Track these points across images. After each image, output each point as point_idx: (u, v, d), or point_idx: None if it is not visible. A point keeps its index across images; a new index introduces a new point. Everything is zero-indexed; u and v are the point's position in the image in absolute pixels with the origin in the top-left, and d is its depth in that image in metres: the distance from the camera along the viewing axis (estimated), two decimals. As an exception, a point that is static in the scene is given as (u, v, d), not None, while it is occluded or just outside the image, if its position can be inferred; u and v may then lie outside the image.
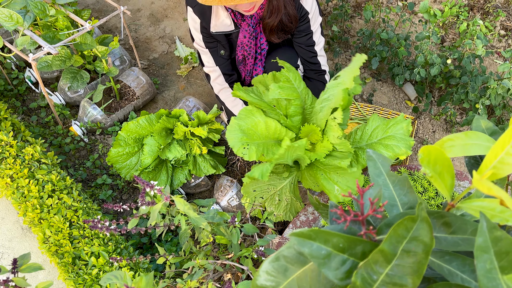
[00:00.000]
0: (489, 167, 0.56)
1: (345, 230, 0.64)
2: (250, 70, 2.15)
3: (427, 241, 0.55)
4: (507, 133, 0.57)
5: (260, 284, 0.65)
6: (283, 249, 0.68)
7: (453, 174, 0.61)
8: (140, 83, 2.62)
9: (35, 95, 2.73)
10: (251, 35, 1.97)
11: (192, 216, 1.30)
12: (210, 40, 2.01)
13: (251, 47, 2.02)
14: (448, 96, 2.61)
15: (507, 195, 0.50)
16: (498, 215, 0.56)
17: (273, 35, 1.97)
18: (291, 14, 1.89)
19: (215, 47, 2.04)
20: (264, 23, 1.92)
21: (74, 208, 1.88)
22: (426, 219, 0.55)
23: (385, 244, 0.55)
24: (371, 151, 0.75)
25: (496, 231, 0.52)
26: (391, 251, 0.56)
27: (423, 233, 0.55)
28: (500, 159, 0.57)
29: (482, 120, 0.84)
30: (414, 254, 0.55)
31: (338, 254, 0.60)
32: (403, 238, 0.56)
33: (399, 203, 0.71)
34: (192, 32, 2.01)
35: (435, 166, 0.60)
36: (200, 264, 1.37)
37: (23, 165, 1.98)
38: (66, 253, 1.75)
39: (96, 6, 3.27)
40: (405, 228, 0.55)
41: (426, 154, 0.59)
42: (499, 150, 0.57)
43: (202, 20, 1.93)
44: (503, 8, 3.26)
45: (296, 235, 0.60)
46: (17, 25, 2.03)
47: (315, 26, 2.01)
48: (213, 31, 1.94)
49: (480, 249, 0.53)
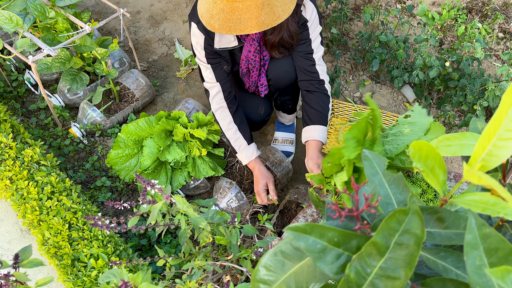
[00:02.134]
0: (478, 160, 0.57)
1: (340, 226, 0.65)
2: (255, 81, 2.17)
3: (418, 233, 0.55)
4: (491, 125, 0.57)
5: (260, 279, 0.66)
6: (281, 244, 0.68)
7: (445, 169, 0.62)
8: (139, 85, 2.63)
9: (35, 97, 2.74)
10: (256, 49, 1.98)
11: (192, 215, 1.30)
12: (213, 56, 1.99)
13: (256, 60, 2.03)
14: (447, 99, 2.62)
15: (496, 183, 0.50)
16: (490, 208, 0.57)
17: (274, 51, 1.98)
18: (292, 31, 1.90)
19: (218, 63, 2.03)
20: (265, 39, 1.93)
21: (74, 210, 1.88)
22: (418, 212, 0.55)
23: (378, 236, 0.56)
24: (367, 151, 0.76)
25: (485, 228, 0.53)
26: (384, 244, 0.57)
27: (414, 225, 0.56)
28: (488, 151, 0.58)
29: (478, 122, 0.85)
30: (407, 247, 0.55)
31: (333, 248, 0.61)
32: (395, 231, 0.56)
33: (394, 201, 0.72)
34: (195, 47, 2.00)
35: (426, 161, 0.61)
36: (199, 265, 1.37)
37: (23, 167, 1.99)
38: (65, 255, 1.75)
39: (96, 8, 3.29)
40: (397, 220, 0.56)
41: (417, 149, 0.60)
42: (486, 142, 0.58)
43: (206, 36, 1.92)
44: (501, 11, 3.28)
45: (292, 229, 0.60)
46: (17, 27, 2.04)
47: (314, 34, 2.01)
48: (217, 47, 1.93)
49: (469, 246, 0.53)
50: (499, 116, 0.56)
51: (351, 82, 2.90)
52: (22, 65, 2.82)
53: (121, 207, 1.36)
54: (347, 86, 2.88)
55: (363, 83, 2.86)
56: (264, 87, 2.21)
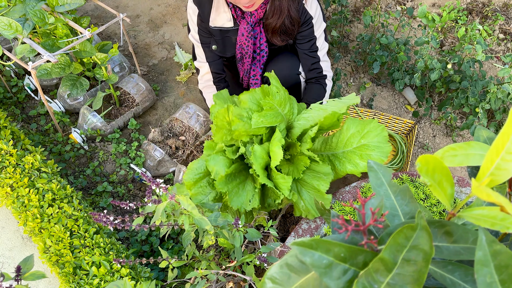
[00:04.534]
0: (486, 174, 0.56)
1: (346, 240, 0.64)
2: (248, 70, 2.15)
3: (427, 249, 0.54)
4: (500, 139, 0.57)
5: (266, 291, 0.65)
6: (287, 257, 0.68)
7: (452, 182, 0.61)
8: (139, 89, 2.62)
9: (35, 102, 2.73)
10: (250, 34, 1.97)
11: (196, 216, 1.29)
12: (205, 34, 2.01)
13: (249, 46, 2.02)
14: (448, 101, 2.61)
15: (507, 201, 0.50)
16: (499, 223, 0.56)
17: (275, 37, 1.96)
18: (294, 17, 1.90)
19: (209, 43, 2.04)
20: (266, 23, 1.92)
21: (75, 217, 1.87)
22: (426, 228, 0.54)
23: (385, 252, 0.55)
24: (372, 162, 0.75)
25: (496, 245, 0.52)
26: (392, 260, 0.56)
27: (422, 241, 0.55)
28: (497, 165, 0.57)
29: (483, 130, 0.84)
30: (414, 263, 0.55)
31: (339, 264, 0.60)
32: (403, 246, 0.55)
33: (400, 212, 0.71)
34: (190, 22, 2.02)
35: (433, 175, 0.60)
36: (202, 274, 1.36)
37: (23, 174, 1.98)
38: (67, 262, 1.74)
39: (95, 13, 3.28)
40: (405, 236, 0.55)
41: (424, 163, 0.59)
42: (494, 156, 0.57)
43: (200, 12, 1.93)
44: (501, 12, 3.27)
45: (297, 245, 0.60)
46: (16, 33, 2.03)
47: (319, 31, 2.01)
48: (212, 25, 1.94)
49: (480, 263, 0.52)
50: (507, 129, 0.55)
51: (352, 85, 2.89)
52: (22, 70, 2.81)
53: (127, 207, 1.35)
54: (348, 88, 2.87)
55: (364, 85, 2.85)
56: (256, 79, 2.20)
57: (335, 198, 1.90)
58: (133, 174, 2.42)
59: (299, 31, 1.99)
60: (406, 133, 2.59)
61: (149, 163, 2.39)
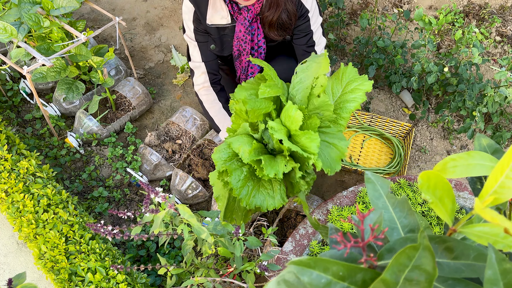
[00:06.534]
0: (489, 192, 0.55)
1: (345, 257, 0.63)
2: (245, 67, 2.13)
3: (429, 270, 0.53)
4: (506, 157, 0.56)
5: (264, 308, 0.64)
6: (284, 273, 0.67)
7: (453, 198, 0.60)
8: (136, 93, 2.60)
9: (30, 106, 2.72)
10: (247, 29, 1.96)
11: (195, 225, 1.28)
12: (201, 33, 1.99)
13: (247, 42, 2.00)
14: (445, 104, 2.61)
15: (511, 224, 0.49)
16: (501, 241, 0.55)
17: (272, 31, 1.95)
18: (290, 11, 1.88)
19: (205, 41, 2.02)
20: (263, 16, 1.91)
21: (70, 223, 1.86)
22: (428, 248, 0.53)
23: (387, 273, 0.54)
24: (370, 173, 0.74)
25: (505, 264, 0.51)
26: (393, 280, 0.55)
27: (425, 261, 0.54)
28: (501, 184, 0.56)
29: (483, 138, 0.83)
30: (417, 283, 0.53)
31: (338, 282, 0.59)
32: (405, 266, 0.54)
33: (399, 225, 0.70)
34: (185, 21, 1.99)
35: (435, 191, 0.59)
36: (199, 282, 1.35)
37: (18, 179, 1.96)
38: (62, 269, 1.72)
39: (91, 15, 3.26)
40: (407, 256, 0.54)
41: (426, 179, 0.58)
42: (499, 174, 0.56)
43: (196, 9, 1.91)
44: (498, 14, 3.27)
45: (295, 264, 0.58)
46: (11, 37, 2.01)
47: (315, 25, 2.00)
48: (209, 23, 1.92)
49: (489, 282, 0.51)
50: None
51: (349, 88, 2.88)
52: (17, 74, 2.79)
53: (125, 216, 1.33)
54: (345, 91, 2.86)
55: (361, 88, 2.84)
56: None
57: (333, 203, 1.89)
58: (129, 178, 2.41)
59: (296, 25, 1.97)
60: (403, 136, 2.59)
61: (146, 167, 2.37)
